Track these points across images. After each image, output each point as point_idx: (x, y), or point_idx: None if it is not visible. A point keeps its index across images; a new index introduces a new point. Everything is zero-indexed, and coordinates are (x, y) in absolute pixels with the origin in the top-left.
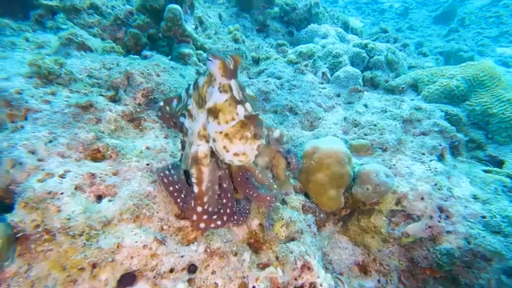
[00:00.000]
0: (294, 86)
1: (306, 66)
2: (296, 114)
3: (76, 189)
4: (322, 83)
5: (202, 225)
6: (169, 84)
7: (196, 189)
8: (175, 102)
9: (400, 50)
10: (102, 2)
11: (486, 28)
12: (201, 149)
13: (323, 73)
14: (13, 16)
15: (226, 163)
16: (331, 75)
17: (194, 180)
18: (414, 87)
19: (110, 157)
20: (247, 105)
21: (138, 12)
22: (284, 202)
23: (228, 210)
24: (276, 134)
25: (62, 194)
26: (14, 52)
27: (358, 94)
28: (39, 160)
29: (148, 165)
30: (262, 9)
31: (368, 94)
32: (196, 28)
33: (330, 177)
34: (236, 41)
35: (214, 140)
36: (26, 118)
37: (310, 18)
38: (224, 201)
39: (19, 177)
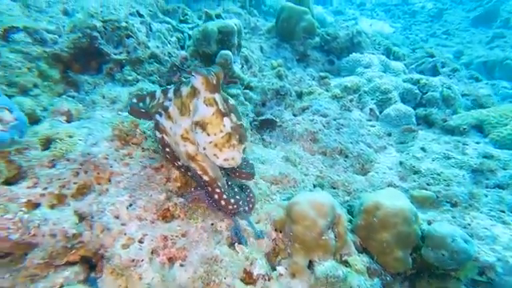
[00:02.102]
0: (342, 125)
1: (351, 100)
2: (346, 156)
3: (152, 253)
4: (370, 120)
5: (230, 206)
6: None
7: (206, 177)
8: (148, 99)
9: (449, 76)
10: (161, 50)
11: None
12: (189, 148)
13: (371, 109)
14: (88, 71)
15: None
16: (380, 112)
17: (199, 172)
18: (478, 128)
19: (179, 216)
20: (232, 115)
21: (191, 57)
22: (347, 264)
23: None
24: None
25: (142, 260)
26: (95, 111)
27: (412, 134)
28: (122, 224)
29: (212, 225)
30: (302, 39)
31: (422, 133)
32: (242, 67)
33: (396, 236)
34: (280, 77)
35: (204, 148)
36: (109, 181)
37: (351, 46)
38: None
39: (107, 242)
